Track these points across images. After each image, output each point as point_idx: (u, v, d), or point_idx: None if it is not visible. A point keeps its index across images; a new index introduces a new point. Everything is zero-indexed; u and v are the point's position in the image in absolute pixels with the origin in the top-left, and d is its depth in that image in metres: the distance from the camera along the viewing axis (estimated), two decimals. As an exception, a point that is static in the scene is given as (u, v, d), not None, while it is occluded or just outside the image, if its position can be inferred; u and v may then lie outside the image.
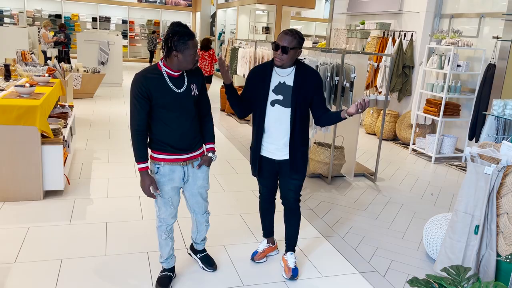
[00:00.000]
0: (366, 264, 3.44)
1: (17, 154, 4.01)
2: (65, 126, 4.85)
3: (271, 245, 3.42)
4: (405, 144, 7.55)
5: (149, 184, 2.62)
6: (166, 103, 2.54)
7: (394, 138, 7.96)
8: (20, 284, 2.84)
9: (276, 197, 3.29)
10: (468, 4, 7.05)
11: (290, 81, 2.87)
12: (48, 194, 4.29)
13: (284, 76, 2.89)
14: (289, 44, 2.74)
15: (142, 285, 2.93)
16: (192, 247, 3.26)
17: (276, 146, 2.95)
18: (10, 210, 3.90)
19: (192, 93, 2.63)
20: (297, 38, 2.76)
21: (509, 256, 1.99)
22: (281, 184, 3.10)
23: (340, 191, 5.07)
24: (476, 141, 6.00)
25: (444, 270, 2.20)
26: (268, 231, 3.40)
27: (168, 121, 2.58)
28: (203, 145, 2.86)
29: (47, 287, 2.83)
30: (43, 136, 4.14)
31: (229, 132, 7.71)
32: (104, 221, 3.84)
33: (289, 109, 2.86)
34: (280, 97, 2.88)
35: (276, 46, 2.78)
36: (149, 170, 2.65)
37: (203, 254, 3.20)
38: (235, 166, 5.71)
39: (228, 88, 2.89)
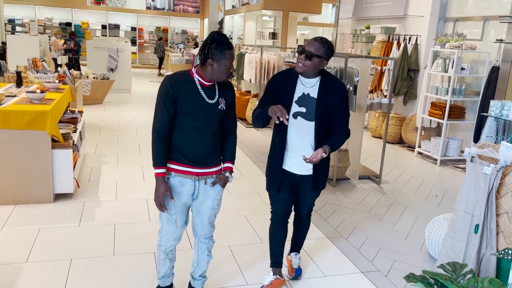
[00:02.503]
0: (369, 264, 3.49)
1: (28, 158, 4.13)
2: (74, 131, 4.98)
3: (278, 277, 3.01)
4: (411, 147, 7.58)
5: (164, 192, 2.43)
6: (190, 110, 2.40)
7: (400, 141, 7.99)
8: (31, 283, 2.94)
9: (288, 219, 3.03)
10: (472, 7, 7.09)
11: (314, 93, 2.69)
12: (58, 197, 4.40)
13: (309, 87, 2.70)
14: (316, 51, 2.56)
15: (149, 284, 3.02)
16: (189, 287, 2.91)
17: (298, 161, 2.76)
18: (22, 213, 4.02)
19: (219, 107, 2.48)
20: (326, 47, 2.58)
21: (503, 252, 2.04)
22: (296, 197, 2.96)
23: (344, 193, 5.12)
24: (481, 143, 6.02)
25: (440, 267, 2.25)
26: (276, 260, 3.03)
27: (188, 129, 2.43)
28: (221, 163, 2.62)
29: (58, 286, 2.93)
30: (53, 140, 4.26)
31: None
32: (113, 222, 3.94)
33: (313, 123, 2.68)
34: (303, 110, 2.69)
35: (301, 50, 2.61)
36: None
37: None
38: (241, 169, 5.79)
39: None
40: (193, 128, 2.43)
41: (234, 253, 3.52)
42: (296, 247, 3.22)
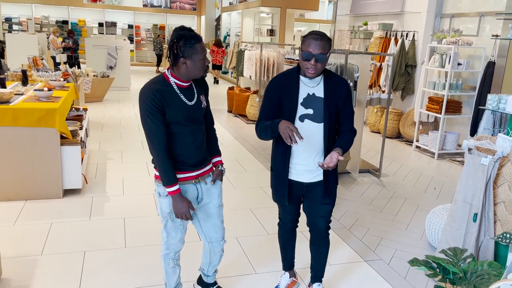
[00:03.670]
0: (372, 253, 3.62)
1: (38, 154, 4.23)
2: (81, 128, 5.08)
3: (293, 279, 3.09)
4: (409, 142, 7.72)
5: (188, 206, 2.33)
6: (179, 118, 2.29)
7: (398, 136, 8.12)
8: (50, 274, 3.06)
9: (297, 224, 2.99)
10: (468, 3, 7.22)
11: (320, 92, 2.50)
12: (67, 192, 4.50)
13: (313, 86, 2.50)
14: (325, 51, 2.35)
15: (161, 274, 3.13)
16: (200, 280, 2.91)
17: (306, 167, 2.56)
18: (33, 208, 4.12)
19: (202, 105, 2.41)
20: (329, 42, 2.36)
21: (501, 236, 2.17)
22: (309, 210, 2.72)
23: (346, 186, 5.25)
24: (478, 136, 6.16)
25: (442, 252, 2.38)
26: (290, 263, 3.06)
27: (182, 136, 2.33)
28: (211, 159, 2.61)
29: (74, 276, 3.05)
30: (61, 137, 4.36)
31: (236, 132, 7.91)
32: (122, 216, 4.06)
33: (322, 124, 2.49)
34: (310, 111, 2.48)
35: (308, 56, 2.35)
36: (158, 193, 2.44)
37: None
38: (243, 164, 5.91)
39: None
40: (186, 133, 2.34)
41: (241, 244, 3.64)
42: (318, 276, 2.93)
